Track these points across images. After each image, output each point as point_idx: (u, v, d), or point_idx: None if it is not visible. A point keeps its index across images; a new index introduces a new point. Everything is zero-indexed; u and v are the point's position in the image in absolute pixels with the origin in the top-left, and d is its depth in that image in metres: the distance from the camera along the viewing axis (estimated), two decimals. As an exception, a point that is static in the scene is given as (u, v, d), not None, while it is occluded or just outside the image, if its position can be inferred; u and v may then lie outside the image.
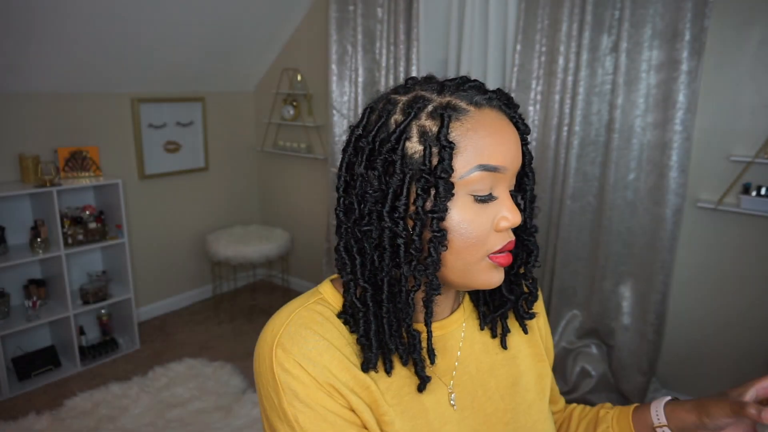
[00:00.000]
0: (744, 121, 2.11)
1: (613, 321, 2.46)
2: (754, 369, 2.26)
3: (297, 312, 0.61)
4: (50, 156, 2.82)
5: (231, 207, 3.88)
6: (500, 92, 0.62)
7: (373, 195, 0.58)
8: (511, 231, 0.61)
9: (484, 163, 0.56)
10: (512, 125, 0.60)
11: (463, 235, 0.57)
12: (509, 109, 0.61)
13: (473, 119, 0.57)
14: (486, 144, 0.56)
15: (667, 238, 2.22)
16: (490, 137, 0.57)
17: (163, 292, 3.55)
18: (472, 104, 0.58)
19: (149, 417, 2.41)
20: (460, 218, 0.56)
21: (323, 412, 0.57)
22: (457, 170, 0.56)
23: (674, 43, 2.08)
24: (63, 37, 2.54)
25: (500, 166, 0.57)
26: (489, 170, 0.56)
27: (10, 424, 2.34)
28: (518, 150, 0.60)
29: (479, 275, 0.59)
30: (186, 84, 3.37)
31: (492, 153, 0.56)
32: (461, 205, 0.56)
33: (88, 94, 2.96)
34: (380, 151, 0.57)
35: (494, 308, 0.71)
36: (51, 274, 2.82)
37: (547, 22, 2.37)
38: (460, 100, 0.58)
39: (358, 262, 0.59)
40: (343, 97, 3.18)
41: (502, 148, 0.57)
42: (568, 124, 2.37)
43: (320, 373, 0.57)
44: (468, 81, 0.61)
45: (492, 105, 0.59)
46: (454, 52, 2.74)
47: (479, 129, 0.56)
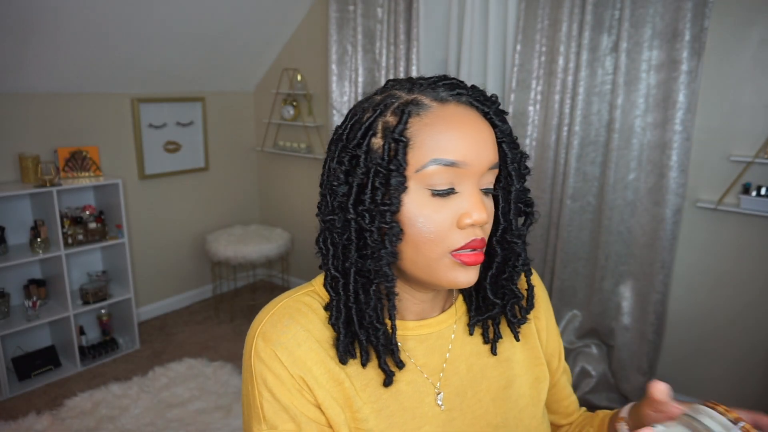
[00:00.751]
0: (744, 121, 2.11)
1: (613, 321, 2.46)
2: (754, 369, 2.26)
3: (284, 302, 0.64)
4: (50, 156, 2.82)
5: (231, 207, 3.88)
6: (473, 88, 0.62)
7: (338, 188, 0.60)
8: (478, 229, 0.58)
9: (439, 157, 0.56)
10: (485, 121, 0.59)
11: (420, 230, 0.57)
12: (482, 105, 0.60)
13: (433, 114, 0.58)
14: (443, 138, 0.56)
15: (667, 238, 2.22)
16: (449, 131, 0.57)
17: (163, 292, 3.55)
18: (435, 100, 0.59)
19: (149, 417, 2.42)
20: (416, 212, 0.57)
21: (287, 404, 0.58)
22: (413, 164, 0.57)
23: (674, 43, 2.08)
24: (63, 37, 2.54)
25: (458, 160, 0.56)
26: (445, 164, 0.56)
27: (10, 424, 2.34)
28: (487, 146, 0.58)
29: (443, 273, 0.58)
30: (186, 84, 3.37)
31: (449, 147, 0.56)
32: (418, 199, 0.57)
33: (88, 94, 2.96)
34: (347, 146, 0.60)
35: (482, 312, 0.69)
36: (51, 274, 2.82)
37: (547, 22, 2.37)
38: (425, 97, 0.59)
39: (331, 253, 0.61)
40: (343, 97, 3.18)
41: (462, 142, 0.56)
42: (568, 124, 2.37)
43: (293, 364, 0.59)
44: (443, 79, 0.62)
45: (460, 101, 0.59)
46: (454, 52, 2.74)
47: (437, 123, 0.57)
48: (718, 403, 0.51)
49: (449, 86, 0.60)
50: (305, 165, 3.68)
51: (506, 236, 0.64)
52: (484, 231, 0.60)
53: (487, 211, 0.59)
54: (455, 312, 0.71)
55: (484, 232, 0.60)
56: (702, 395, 2.42)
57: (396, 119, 0.58)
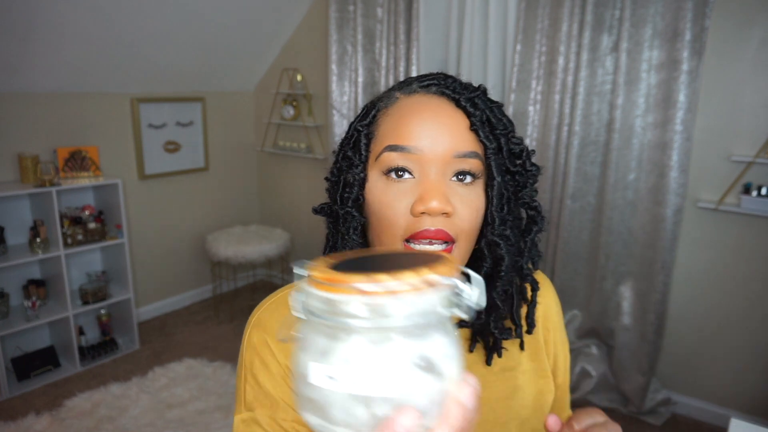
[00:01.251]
0: (745, 121, 2.11)
1: (613, 321, 2.46)
2: (754, 369, 2.26)
3: (284, 293, 0.65)
4: (50, 156, 2.81)
5: (231, 207, 3.87)
6: (448, 78, 0.62)
7: (331, 180, 0.64)
8: (438, 221, 0.54)
9: (391, 144, 0.57)
10: (456, 109, 0.58)
11: (376, 215, 0.58)
12: (453, 93, 0.59)
13: (397, 105, 0.60)
14: (398, 125, 0.57)
15: (668, 238, 2.21)
16: (405, 118, 0.57)
17: (163, 292, 3.55)
18: (405, 93, 0.61)
19: (149, 417, 2.41)
20: (374, 199, 0.58)
21: (269, 390, 0.59)
22: (373, 154, 0.59)
23: (675, 42, 2.08)
24: (63, 37, 2.53)
25: (410, 146, 0.56)
26: (396, 150, 0.56)
27: (9, 424, 2.34)
28: (451, 132, 0.56)
29: None
30: (186, 84, 3.37)
31: (403, 134, 0.57)
32: (378, 186, 0.58)
33: (88, 94, 2.95)
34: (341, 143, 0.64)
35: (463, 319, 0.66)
36: (50, 274, 2.81)
37: (547, 22, 2.36)
38: (399, 91, 0.62)
39: (330, 244, 0.64)
40: (343, 97, 3.17)
41: (416, 128, 0.56)
42: (568, 124, 2.37)
43: (281, 352, 0.59)
44: (431, 74, 0.63)
45: (428, 91, 0.60)
46: (454, 52, 2.74)
47: (395, 113, 0.59)
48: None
49: (425, 78, 0.62)
50: (305, 165, 3.68)
51: (489, 236, 0.60)
52: (452, 225, 0.55)
53: (461, 202, 0.56)
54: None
55: (453, 226, 0.55)
56: (702, 395, 2.42)
57: (365, 114, 0.61)
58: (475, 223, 0.58)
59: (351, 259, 0.37)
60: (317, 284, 0.32)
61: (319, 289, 0.32)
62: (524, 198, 0.62)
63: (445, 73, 0.63)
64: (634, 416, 2.45)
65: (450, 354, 0.33)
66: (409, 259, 0.37)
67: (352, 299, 0.30)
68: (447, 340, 0.33)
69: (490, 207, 0.59)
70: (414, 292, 0.31)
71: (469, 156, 0.57)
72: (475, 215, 0.58)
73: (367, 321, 0.30)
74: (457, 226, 0.56)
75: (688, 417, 2.45)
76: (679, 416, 2.46)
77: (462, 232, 0.56)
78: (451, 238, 0.55)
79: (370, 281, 0.30)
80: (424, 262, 0.34)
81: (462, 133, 0.57)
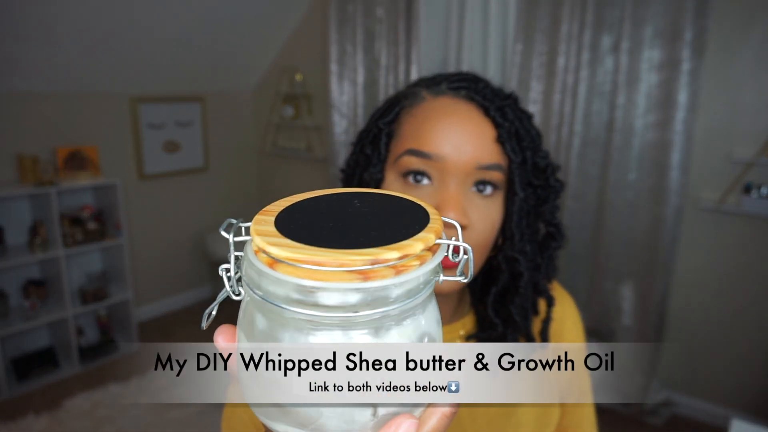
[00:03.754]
0: (745, 120, 2.11)
1: (613, 321, 2.45)
2: (754, 369, 2.26)
3: None
4: (49, 156, 2.81)
5: (231, 207, 3.87)
6: (478, 81, 0.58)
7: (346, 172, 0.63)
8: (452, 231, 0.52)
9: (414, 148, 0.54)
10: (483, 117, 0.55)
11: None
12: (483, 100, 0.56)
13: (422, 106, 0.56)
14: (422, 129, 0.54)
15: (668, 238, 2.21)
16: (429, 122, 0.54)
17: (163, 292, 3.54)
18: (431, 93, 0.57)
19: (149, 417, 2.41)
20: None
21: None
22: (393, 154, 0.56)
23: (675, 42, 2.08)
24: (62, 36, 2.53)
25: (432, 153, 0.53)
26: (417, 155, 0.53)
27: (8, 425, 2.34)
28: (474, 142, 0.53)
29: None
30: (186, 84, 3.37)
31: (426, 138, 0.53)
32: (392, 186, 0.56)
33: (87, 94, 2.95)
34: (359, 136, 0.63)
35: (483, 330, 0.62)
36: (50, 275, 2.81)
37: (548, 21, 2.36)
38: (426, 89, 0.58)
39: None
40: (343, 97, 3.17)
41: (440, 134, 0.53)
42: (569, 123, 2.37)
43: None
44: (459, 73, 0.59)
45: (457, 94, 0.56)
46: (454, 52, 2.74)
47: (420, 114, 0.56)
48: None
49: (456, 79, 0.58)
50: (305, 165, 3.67)
51: (508, 251, 0.58)
52: (466, 238, 0.53)
53: (478, 215, 0.54)
54: (462, 326, 0.65)
55: (467, 239, 0.53)
56: (702, 395, 2.42)
57: (387, 110, 0.58)
58: (490, 237, 0.56)
59: (296, 211, 0.29)
60: (282, 266, 0.25)
61: (286, 274, 0.24)
62: (545, 214, 0.59)
63: (477, 75, 0.59)
64: (635, 416, 2.44)
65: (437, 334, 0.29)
66: (380, 208, 0.30)
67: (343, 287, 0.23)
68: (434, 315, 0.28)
69: (510, 221, 0.56)
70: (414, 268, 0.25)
71: (492, 168, 0.54)
72: (490, 229, 0.55)
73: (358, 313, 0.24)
74: (472, 239, 0.54)
75: (688, 417, 2.44)
76: (680, 416, 2.45)
77: (475, 244, 0.54)
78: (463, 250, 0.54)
79: (370, 260, 0.24)
80: (402, 216, 0.29)
81: (487, 143, 0.54)
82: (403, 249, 0.25)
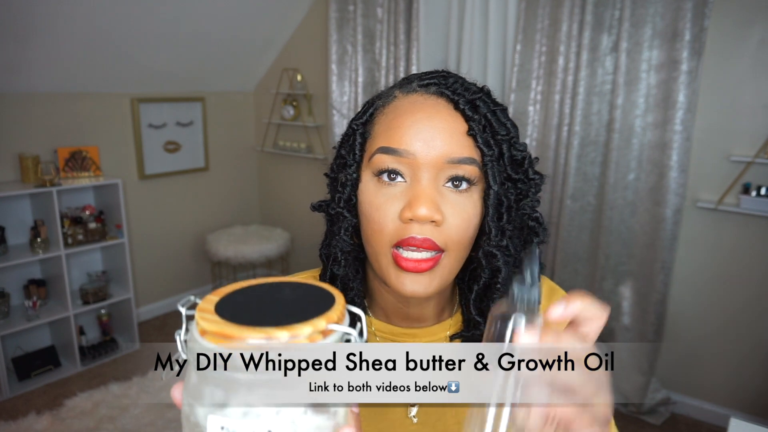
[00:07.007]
0: (744, 121, 2.11)
1: (613, 321, 2.46)
2: (755, 368, 2.26)
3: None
4: (50, 156, 2.81)
5: (231, 207, 3.88)
6: (449, 77, 0.58)
7: (330, 176, 0.63)
8: (426, 228, 0.52)
9: (383, 146, 0.55)
10: (453, 112, 0.55)
11: (366, 217, 0.56)
12: (453, 95, 0.56)
13: (394, 105, 0.57)
14: (392, 126, 0.55)
15: (667, 238, 2.22)
16: (399, 119, 0.54)
17: (163, 292, 3.55)
18: (403, 91, 0.58)
19: (149, 417, 2.41)
20: (365, 200, 0.57)
21: None
22: (367, 154, 0.57)
23: (674, 42, 2.08)
24: (63, 37, 2.53)
25: (402, 149, 0.53)
26: (388, 153, 0.54)
27: (10, 424, 2.34)
28: (444, 136, 0.53)
29: (387, 271, 0.55)
30: (186, 84, 3.37)
31: (395, 135, 0.54)
32: (369, 188, 0.56)
33: (87, 94, 2.95)
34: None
35: (468, 329, 0.61)
36: (51, 274, 2.81)
37: (547, 22, 2.37)
38: (399, 89, 0.59)
39: (326, 242, 0.64)
40: (343, 97, 3.18)
41: (409, 131, 0.53)
42: (568, 124, 2.37)
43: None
44: (432, 72, 0.60)
45: (428, 90, 0.57)
46: (454, 52, 2.74)
47: (391, 112, 0.56)
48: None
49: (426, 77, 0.58)
50: (305, 165, 3.68)
51: (485, 246, 0.56)
52: (440, 234, 0.53)
53: (452, 210, 0.54)
54: (449, 326, 0.65)
55: (441, 235, 0.53)
56: (702, 395, 2.42)
57: (363, 111, 0.59)
58: (466, 232, 0.55)
59: (237, 296, 0.36)
60: (209, 335, 0.31)
61: (210, 342, 0.31)
62: (524, 208, 0.59)
63: (448, 71, 0.59)
64: (634, 416, 2.45)
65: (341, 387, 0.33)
66: (300, 295, 0.36)
67: (247, 354, 0.30)
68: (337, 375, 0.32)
69: (487, 216, 0.56)
70: (308, 343, 0.30)
71: (464, 162, 0.54)
72: (466, 225, 0.55)
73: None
74: (446, 235, 0.53)
75: (687, 416, 2.45)
76: (679, 416, 2.46)
77: (451, 241, 0.54)
78: (439, 247, 0.53)
79: (264, 337, 0.30)
80: (315, 303, 0.34)
81: (458, 137, 0.54)
82: (293, 330, 0.30)
